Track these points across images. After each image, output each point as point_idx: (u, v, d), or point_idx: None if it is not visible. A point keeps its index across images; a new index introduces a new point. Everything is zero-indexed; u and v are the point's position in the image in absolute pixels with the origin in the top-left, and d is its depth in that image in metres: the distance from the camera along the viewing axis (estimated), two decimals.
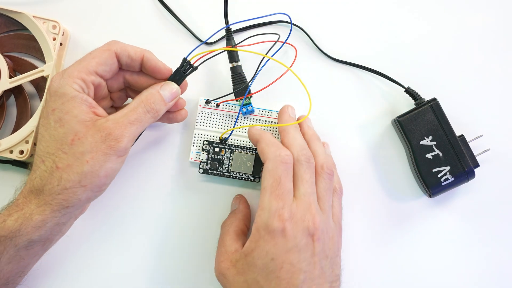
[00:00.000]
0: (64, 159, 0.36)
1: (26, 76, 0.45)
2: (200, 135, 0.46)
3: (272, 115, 0.46)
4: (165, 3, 0.49)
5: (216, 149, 0.45)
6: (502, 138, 0.47)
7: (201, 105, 0.46)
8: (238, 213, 0.44)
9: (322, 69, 0.48)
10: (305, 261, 0.37)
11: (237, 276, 0.38)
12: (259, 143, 0.41)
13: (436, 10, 0.49)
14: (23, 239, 0.36)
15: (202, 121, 0.46)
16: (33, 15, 0.45)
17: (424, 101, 0.46)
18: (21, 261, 0.37)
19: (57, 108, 0.37)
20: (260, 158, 0.44)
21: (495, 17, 0.49)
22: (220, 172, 0.45)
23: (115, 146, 0.36)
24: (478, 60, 0.48)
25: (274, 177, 0.38)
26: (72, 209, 0.37)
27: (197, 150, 0.46)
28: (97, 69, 0.38)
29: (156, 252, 0.46)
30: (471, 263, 0.46)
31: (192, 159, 0.45)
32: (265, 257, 0.37)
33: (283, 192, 0.38)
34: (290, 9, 0.49)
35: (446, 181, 0.44)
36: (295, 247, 0.37)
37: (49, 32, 0.45)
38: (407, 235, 0.46)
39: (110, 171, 0.37)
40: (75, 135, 0.36)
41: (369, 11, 0.49)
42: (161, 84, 0.40)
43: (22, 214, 0.36)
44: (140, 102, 0.38)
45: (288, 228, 0.37)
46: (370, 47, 0.49)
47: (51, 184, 0.36)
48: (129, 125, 0.37)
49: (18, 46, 0.47)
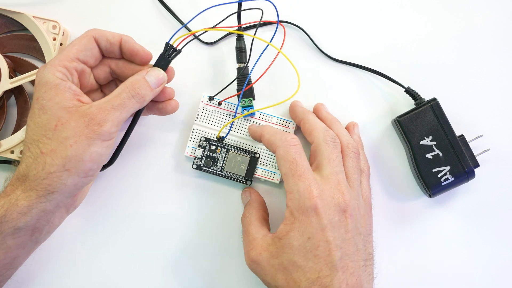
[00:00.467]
0: (48, 144, 0.36)
1: (26, 76, 0.45)
2: (199, 131, 0.46)
3: (272, 120, 0.46)
4: (165, 3, 0.49)
5: (212, 147, 0.45)
6: (502, 138, 0.47)
7: (203, 101, 0.46)
8: (253, 203, 0.44)
9: (322, 69, 0.49)
10: (340, 238, 0.38)
11: (272, 260, 0.38)
12: (263, 136, 0.42)
13: (436, 10, 0.49)
14: (9, 226, 0.36)
15: (202, 118, 0.46)
16: (33, 16, 0.45)
17: (424, 101, 0.46)
18: (8, 251, 0.37)
19: (40, 96, 0.37)
20: (254, 161, 0.45)
21: (495, 17, 0.49)
22: (213, 170, 0.45)
23: (98, 130, 0.36)
24: (478, 60, 0.48)
25: (289, 161, 0.39)
26: (58, 194, 0.37)
27: (193, 145, 0.46)
28: (78, 55, 0.39)
29: (151, 248, 0.46)
30: (471, 263, 0.46)
31: (188, 154, 0.45)
32: (301, 237, 0.37)
33: (304, 171, 0.38)
34: (290, 9, 0.49)
35: (446, 181, 0.44)
36: (329, 224, 0.37)
37: (49, 32, 0.45)
38: (407, 235, 0.46)
39: (95, 155, 0.37)
40: (58, 121, 0.36)
41: (369, 11, 0.49)
42: (147, 70, 0.40)
43: (8, 200, 0.36)
44: (124, 88, 0.39)
45: (320, 205, 0.37)
46: (370, 47, 0.49)
47: (36, 170, 0.36)
48: (112, 110, 0.37)
49: (18, 47, 0.47)
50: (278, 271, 0.38)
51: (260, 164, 0.45)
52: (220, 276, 0.46)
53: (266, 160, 0.46)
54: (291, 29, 0.49)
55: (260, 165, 0.45)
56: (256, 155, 0.45)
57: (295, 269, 0.37)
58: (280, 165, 0.39)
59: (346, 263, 0.37)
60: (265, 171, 0.45)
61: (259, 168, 0.45)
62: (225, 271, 0.46)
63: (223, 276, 0.46)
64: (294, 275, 0.37)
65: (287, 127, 0.46)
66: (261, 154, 0.45)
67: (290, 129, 0.46)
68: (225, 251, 0.46)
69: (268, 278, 0.39)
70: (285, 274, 0.38)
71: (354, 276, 0.38)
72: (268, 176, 0.45)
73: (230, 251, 0.46)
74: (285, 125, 0.46)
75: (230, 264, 0.46)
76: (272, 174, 0.45)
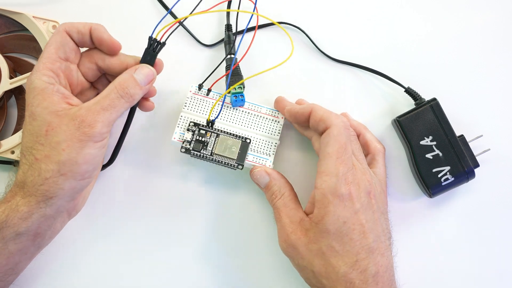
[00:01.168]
0: (41, 150, 0.36)
1: (26, 76, 0.45)
2: (186, 118, 0.44)
3: (261, 110, 0.45)
4: (164, 3, 0.49)
5: (201, 131, 0.44)
6: (502, 138, 0.47)
7: (191, 91, 0.45)
8: (278, 182, 0.43)
9: (322, 69, 0.49)
10: (371, 220, 0.39)
11: (310, 245, 0.39)
12: (315, 111, 0.41)
13: (436, 10, 0.49)
14: (10, 231, 0.36)
15: (190, 106, 0.45)
16: (33, 16, 0.45)
17: (424, 101, 0.46)
18: (10, 256, 0.37)
19: (30, 103, 0.37)
20: (245, 145, 0.44)
21: (495, 17, 0.49)
22: (203, 154, 0.43)
23: (89, 132, 0.36)
24: (478, 60, 0.48)
25: (340, 143, 0.39)
26: (57, 199, 0.37)
27: (181, 131, 0.44)
28: (57, 54, 0.39)
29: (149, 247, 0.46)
30: (471, 263, 0.46)
31: (175, 139, 0.44)
32: (337, 221, 0.38)
33: (348, 157, 0.39)
34: (289, 11, 0.49)
35: (446, 181, 0.44)
36: (362, 207, 0.38)
37: (49, 32, 0.45)
38: (407, 235, 0.46)
39: (89, 156, 0.37)
40: (49, 126, 0.36)
41: (369, 11, 0.49)
42: (135, 67, 0.40)
43: (9, 205, 0.36)
44: (113, 88, 0.38)
45: (353, 190, 0.38)
46: (370, 47, 0.49)
47: (32, 176, 0.36)
48: (102, 111, 0.37)
49: (18, 47, 0.47)
50: (316, 256, 0.38)
51: (251, 151, 0.44)
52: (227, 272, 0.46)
53: (257, 147, 0.45)
54: (291, 30, 0.49)
55: (251, 152, 0.44)
56: (247, 140, 0.44)
57: (333, 254, 0.38)
58: (328, 144, 0.39)
59: (378, 244, 0.38)
60: (256, 157, 0.44)
61: (250, 154, 0.44)
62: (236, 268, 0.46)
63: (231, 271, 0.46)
64: (332, 260, 0.38)
65: (276, 117, 0.45)
66: (252, 140, 0.44)
67: (279, 119, 0.45)
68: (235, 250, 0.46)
69: (305, 263, 0.39)
70: (323, 259, 0.38)
71: (385, 256, 0.39)
72: (260, 162, 0.44)
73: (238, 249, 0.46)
74: (275, 115, 0.45)
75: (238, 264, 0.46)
76: (263, 161, 0.44)
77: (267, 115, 0.46)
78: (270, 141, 0.45)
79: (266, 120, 0.45)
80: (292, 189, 0.43)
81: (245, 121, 0.45)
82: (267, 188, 0.43)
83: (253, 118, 0.45)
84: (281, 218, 0.41)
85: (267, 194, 0.43)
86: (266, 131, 0.45)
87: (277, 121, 0.45)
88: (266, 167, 0.44)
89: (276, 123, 0.45)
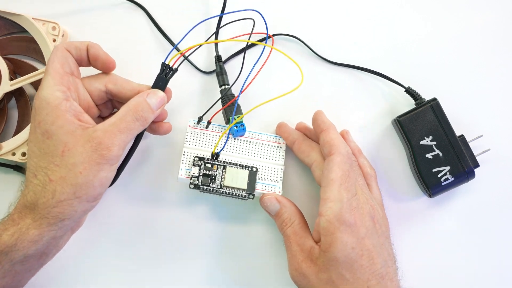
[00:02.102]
0: (57, 172, 0.36)
1: (26, 78, 0.45)
2: (189, 153, 0.44)
3: (262, 138, 0.45)
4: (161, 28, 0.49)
5: (207, 165, 0.43)
6: (502, 138, 0.47)
7: (190, 125, 0.45)
8: (288, 210, 0.43)
9: (321, 72, 0.49)
10: (377, 245, 0.39)
11: (320, 274, 0.38)
12: (328, 131, 0.42)
13: (436, 10, 0.49)
14: (19, 254, 0.36)
15: (191, 141, 0.44)
16: (33, 17, 0.45)
17: (424, 101, 0.46)
18: (16, 276, 0.37)
19: (42, 120, 0.36)
20: (253, 174, 0.43)
21: (495, 17, 0.49)
22: (212, 187, 0.43)
23: (107, 155, 0.36)
24: (478, 60, 0.48)
25: (343, 171, 0.39)
26: (69, 221, 0.36)
27: (187, 167, 0.43)
28: (63, 68, 0.38)
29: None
30: (470, 263, 0.46)
31: (182, 176, 0.43)
32: (345, 248, 0.37)
33: (352, 184, 0.39)
34: (285, 19, 0.49)
35: (446, 181, 0.44)
36: (367, 233, 0.38)
37: (49, 34, 0.45)
38: (407, 235, 0.46)
39: (104, 180, 0.37)
40: (65, 146, 0.36)
41: (369, 12, 0.49)
42: (147, 92, 0.40)
43: (18, 229, 0.36)
44: (128, 110, 0.38)
45: (358, 216, 0.38)
46: (370, 47, 0.49)
47: (45, 198, 0.35)
48: (118, 133, 0.37)
49: (18, 48, 0.47)
50: (327, 285, 0.38)
51: (259, 179, 0.44)
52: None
53: (263, 174, 0.44)
54: (287, 41, 0.49)
55: (258, 180, 0.44)
56: (254, 169, 0.44)
57: (343, 283, 0.37)
58: (331, 170, 0.39)
59: (386, 269, 0.38)
60: (265, 185, 0.44)
61: (258, 182, 0.44)
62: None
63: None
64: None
65: (278, 143, 0.46)
66: (258, 168, 0.44)
67: (281, 144, 0.45)
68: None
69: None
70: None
71: (394, 282, 0.38)
72: (269, 189, 0.44)
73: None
74: (276, 141, 0.46)
75: None
76: (272, 187, 0.44)
77: (269, 141, 0.46)
78: (276, 167, 0.45)
79: (269, 147, 0.45)
80: (302, 216, 0.43)
81: (248, 150, 0.45)
82: (277, 215, 0.43)
83: (256, 146, 0.45)
84: (291, 246, 0.41)
85: (278, 221, 0.43)
86: (270, 157, 0.45)
87: (279, 146, 0.46)
88: (276, 194, 0.44)
89: (278, 149, 0.45)
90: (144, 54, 0.48)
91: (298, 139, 0.44)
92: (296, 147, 0.44)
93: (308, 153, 0.43)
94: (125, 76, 0.42)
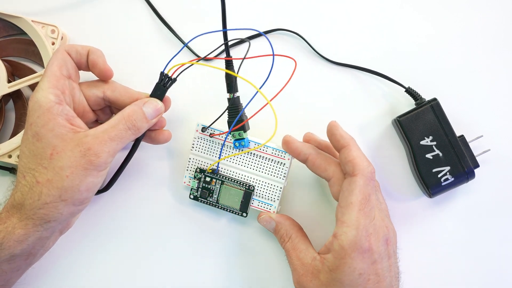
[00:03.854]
0: (44, 174, 0.36)
1: (24, 80, 0.45)
2: (195, 160, 0.45)
3: (267, 151, 0.44)
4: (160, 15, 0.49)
5: (207, 179, 0.44)
6: (502, 138, 0.47)
7: (198, 131, 0.45)
8: (283, 226, 0.43)
9: (322, 72, 0.48)
10: (386, 268, 0.38)
11: None
12: (350, 148, 0.39)
13: (437, 10, 0.49)
14: (5, 253, 0.36)
15: (198, 147, 0.45)
16: (32, 20, 0.45)
17: (425, 101, 0.45)
18: (3, 275, 0.37)
19: (34, 122, 0.37)
20: (248, 194, 0.44)
21: (496, 17, 0.49)
22: (209, 201, 0.45)
23: (95, 161, 0.36)
24: (478, 60, 0.48)
25: (364, 194, 0.38)
26: (55, 223, 0.37)
27: (190, 175, 0.45)
28: (61, 71, 0.38)
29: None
30: (471, 263, 0.46)
31: (185, 183, 0.45)
32: (352, 273, 0.37)
33: (371, 209, 0.38)
34: (288, 15, 0.49)
35: (446, 181, 0.44)
36: (379, 257, 0.38)
37: (48, 37, 0.45)
38: (407, 235, 0.46)
39: (91, 185, 0.37)
40: (53, 149, 0.36)
41: (369, 12, 0.49)
42: (144, 100, 0.40)
43: (5, 227, 0.36)
44: (121, 118, 0.38)
45: (373, 241, 0.37)
46: (370, 47, 0.49)
47: (31, 199, 0.36)
48: (109, 141, 0.37)
49: (17, 51, 0.47)
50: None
51: (256, 196, 0.44)
52: None
53: (262, 192, 0.44)
54: (289, 36, 0.49)
55: (256, 197, 0.44)
56: (251, 188, 0.44)
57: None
58: (351, 192, 0.38)
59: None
60: (262, 202, 0.44)
61: (255, 199, 0.44)
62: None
63: None
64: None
65: (282, 158, 0.44)
66: (256, 186, 0.44)
67: (286, 160, 0.44)
68: None
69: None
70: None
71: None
72: (265, 208, 0.44)
73: None
74: (280, 156, 0.44)
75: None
76: (268, 206, 0.44)
77: (273, 156, 0.44)
78: (275, 185, 0.44)
79: (272, 162, 0.44)
80: (300, 229, 0.43)
81: (250, 163, 0.44)
82: (275, 232, 0.44)
83: (258, 160, 0.44)
84: (292, 260, 0.41)
85: (277, 237, 0.44)
86: (272, 174, 0.44)
87: (282, 163, 0.44)
88: (270, 213, 0.44)
89: (281, 165, 0.44)
90: (146, 52, 0.48)
91: (311, 154, 0.42)
92: (310, 163, 0.42)
93: (325, 168, 0.41)
94: (127, 76, 0.43)
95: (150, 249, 0.47)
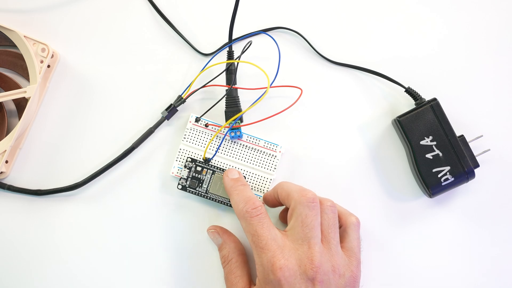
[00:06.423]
0: None
1: (7, 95, 0.44)
2: (185, 151, 0.45)
3: (259, 143, 0.45)
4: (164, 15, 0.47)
5: (198, 168, 0.44)
6: (502, 138, 0.47)
7: (191, 122, 0.45)
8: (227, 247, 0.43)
9: (321, 72, 0.48)
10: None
11: None
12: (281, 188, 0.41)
13: (437, 10, 0.48)
14: None
15: (190, 138, 0.45)
16: (24, 35, 0.44)
17: (425, 101, 0.45)
18: None
19: None
20: None
21: (497, 17, 0.48)
22: (198, 191, 0.44)
23: None
24: (479, 60, 0.48)
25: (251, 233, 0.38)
26: None
27: (179, 165, 0.45)
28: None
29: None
30: (471, 263, 0.46)
31: (173, 174, 0.45)
32: None
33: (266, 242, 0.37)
34: (288, 14, 0.48)
35: (446, 181, 0.44)
36: None
37: (38, 55, 0.44)
38: (407, 235, 0.47)
39: None
40: None
41: (369, 12, 0.48)
42: None
43: None
44: None
45: (283, 277, 0.36)
46: (370, 47, 0.48)
47: None
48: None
49: (5, 63, 0.46)
50: None
51: None
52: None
53: (252, 183, 0.45)
54: (290, 35, 0.48)
55: None
56: None
57: None
58: (246, 237, 0.39)
59: None
60: None
61: None
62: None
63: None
64: None
65: (273, 151, 0.45)
66: (246, 177, 0.44)
67: (277, 153, 0.45)
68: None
69: None
70: None
71: None
72: None
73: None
74: (273, 148, 0.45)
75: None
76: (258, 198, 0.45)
77: (265, 148, 0.45)
78: (266, 177, 0.45)
79: (263, 154, 0.45)
80: (241, 254, 0.42)
81: (242, 155, 0.45)
82: (219, 249, 0.43)
83: (250, 152, 0.45)
84: (226, 284, 0.42)
85: (219, 255, 0.43)
86: (263, 165, 0.45)
87: (274, 155, 0.45)
88: (220, 227, 0.44)
89: (273, 158, 0.45)
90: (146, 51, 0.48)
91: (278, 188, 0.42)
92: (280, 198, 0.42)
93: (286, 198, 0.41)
94: (127, 76, 0.44)
95: (135, 245, 0.46)
